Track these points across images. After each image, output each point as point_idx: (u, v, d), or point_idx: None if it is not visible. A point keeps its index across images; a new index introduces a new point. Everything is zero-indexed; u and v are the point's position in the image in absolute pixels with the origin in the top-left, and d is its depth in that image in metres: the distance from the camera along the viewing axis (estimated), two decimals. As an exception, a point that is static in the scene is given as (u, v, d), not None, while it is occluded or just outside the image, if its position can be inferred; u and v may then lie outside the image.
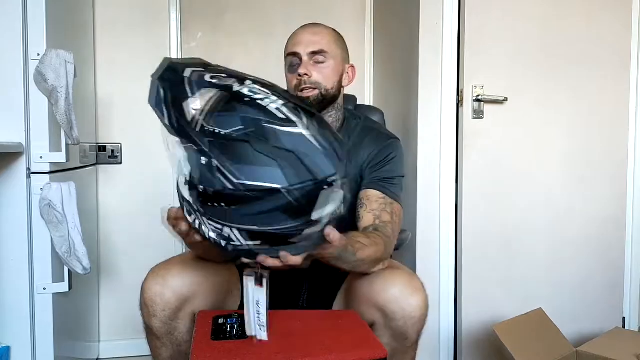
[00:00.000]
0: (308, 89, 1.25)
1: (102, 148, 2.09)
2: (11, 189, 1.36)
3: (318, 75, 1.26)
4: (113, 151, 2.10)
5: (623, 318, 2.08)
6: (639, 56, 2.04)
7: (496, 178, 1.90)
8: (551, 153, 1.95)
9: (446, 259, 1.92)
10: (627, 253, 2.07)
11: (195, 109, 0.79)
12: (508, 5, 1.87)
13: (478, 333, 1.88)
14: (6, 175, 1.36)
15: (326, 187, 0.78)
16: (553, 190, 1.96)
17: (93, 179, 2.04)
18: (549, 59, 1.92)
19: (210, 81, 0.81)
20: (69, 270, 1.44)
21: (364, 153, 1.29)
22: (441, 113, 1.89)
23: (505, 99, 1.87)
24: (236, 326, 0.96)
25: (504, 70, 1.88)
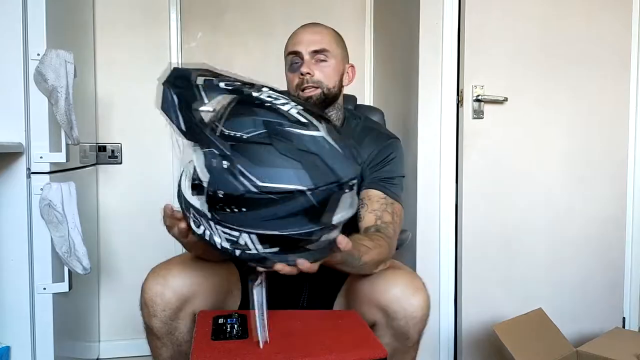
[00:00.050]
0: (310, 88, 1.25)
1: (102, 148, 2.09)
2: (11, 189, 1.36)
3: (320, 74, 1.26)
4: (113, 151, 2.10)
5: (623, 318, 2.08)
6: (639, 56, 2.04)
7: (496, 178, 1.90)
8: (551, 153, 1.95)
9: (446, 259, 1.92)
10: (627, 253, 2.07)
11: (213, 114, 0.78)
12: (508, 5, 1.87)
13: (478, 333, 1.88)
14: (6, 175, 1.36)
15: (347, 191, 0.79)
16: (553, 190, 1.96)
17: (93, 179, 2.04)
18: (549, 59, 1.92)
19: (225, 87, 0.82)
20: (69, 270, 1.44)
21: (364, 153, 1.28)
22: (441, 113, 1.89)
23: (505, 99, 1.87)
24: (236, 326, 0.96)
25: (504, 70, 1.88)
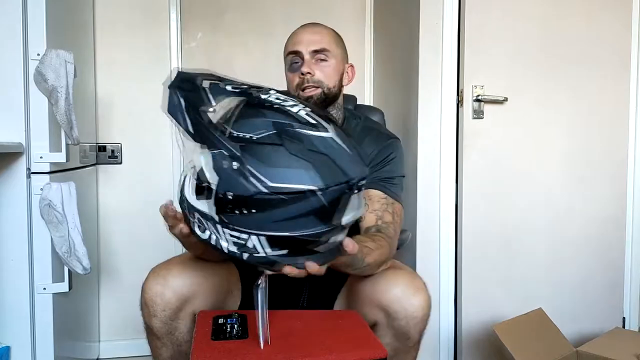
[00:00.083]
0: (310, 88, 1.25)
1: (102, 148, 2.09)
2: (11, 189, 1.36)
3: (320, 73, 1.26)
4: (113, 151, 2.10)
5: (623, 318, 2.08)
6: (639, 56, 2.04)
7: (496, 178, 1.90)
8: (551, 153, 1.95)
9: (446, 259, 1.92)
10: (627, 253, 2.07)
11: (221, 116, 0.79)
12: (508, 5, 1.87)
13: (478, 333, 1.88)
14: (6, 175, 1.36)
15: (356, 191, 0.79)
16: (553, 190, 1.96)
17: (93, 179, 2.04)
18: (549, 59, 1.92)
19: (232, 90, 0.82)
20: (69, 270, 1.44)
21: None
22: (441, 113, 1.89)
23: (505, 99, 1.87)
24: (236, 326, 0.96)
25: (504, 70, 1.88)
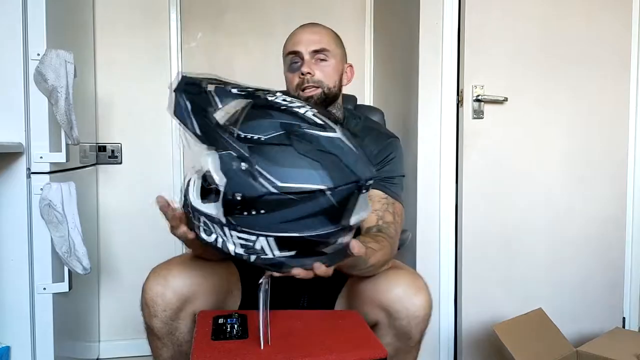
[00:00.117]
0: (310, 88, 1.25)
1: (102, 148, 2.09)
2: (11, 189, 1.36)
3: (320, 73, 1.26)
4: (113, 151, 2.10)
5: (623, 318, 2.08)
6: (639, 56, 2.04)
7: (496, 178, 1.90)
8: (551, 153, 1.95)
9: (446, 259, 1.92)
10: (627, 253, 2.07)
11: (228, 118, 0.79)
12: (508, 5, 1.87)
13: (478, 333, 1.88)
14: (6, 175, 1.36)
15: (364, 191, 0.79)
16: (553, 190, 1.96)
17: (93, 179, 2.04)
18: (549, 59, 1.92)
19: (237, 93, 0.82)
20: (69, 270, 1.44)
21: None
22: (441, 113, 1.89)
23: (505, 99, 1.87)
24: (236, 326, 0.96)
25: (504, 70, 1.88)
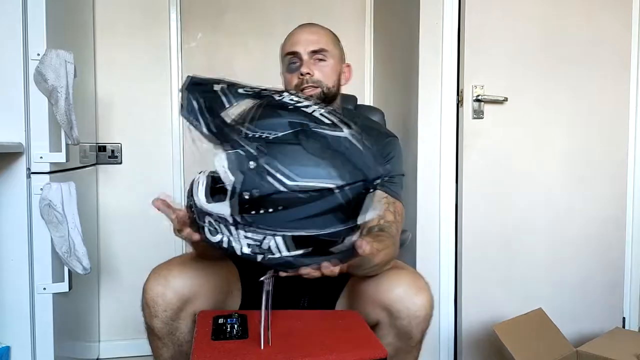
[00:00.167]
0: (309, 88, 1.25)
1: (102, 148, 2.09)
2: (11, 189, 1.36)
3: (319, 73, 1.26)
4: (113, 151, 2.10)
5: (623, 318, 2.08)
6: (639, 56, 2.04)
7: (496, 178, 1.90)
8: (551, 153, 1.95)
9: (446, 259, 1.92)
10: (627, 253, 2.07)
11: (237, 117, 0.80)
12: (508, 5, 1.87)
13: (478, 333, 1.88)
14: (6, 175, 1.36)
15: (372, 190, 0.80)
16: (553, 190, 1.96)
17: (93, 179, 2.04)
18: (549, 59, 1.92)
19: (245, 93, 0.83)
20: (69, 270, 1.44)
21: None
22: (441, 113, 1.89)
23: (505, 99, 1.87)
24: (236, 326, 0.96)
25: (504, 70, 1.88)
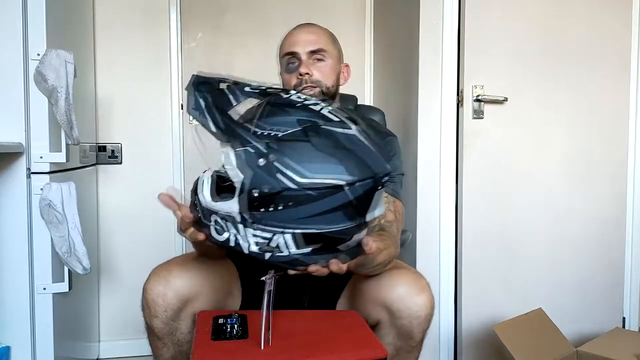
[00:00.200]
0: (308, 88, 1.25)
1: (102, 148, 2.09)
2: (11, 189, 1.36)
3: (318, 73, 1.26)
4: (113, 151, 2.10)
5: (623, 318, 2.08)
6: (639, 56, 2.04)
7: (496, 178, 1.90)
8: (551, 153, 1.95)
9: (446, 259, 1.92)
10: (627, 253, 2.07)
11: (245, 115, 0.80)
12: (508, 5, 1.87)
13: (478, 333, 1.88)
14: (6, 175, 1.36)
15: (380, 187, 0.80)
16: (553, 190, 1.96)
17: (93, 179, 2.04)
18: (549, 59, 1.92)
19: (251, 91, 0.83)
20: (69, 270, 1.44)
21: None
22: (441, 113, 1.89)
23: (505, 99, 1.87)
24: (236, 326, 0.96)
25: (504, 70, 1.88)
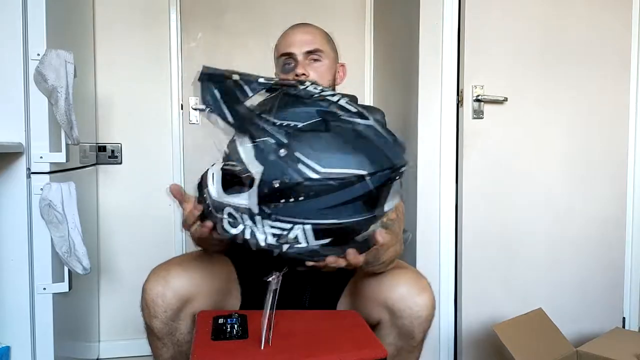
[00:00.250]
0: None
1: (102, 148, 2.09)
2: (11, 189, 1.36)
3: (314, 74, 1.26)
4: (113, 151, 2.10)
5: (623, 318, 2.08)
6: (639, 56, 2.04)
7: (496, 178, 1.90)
8: (551, 153, 1.95)
9: (446, 259, 1.92)
10: (627, 253, 2.07)
11: (261, 106, 0.80)
12: (508, 5, 1.87)
13: (478, 333, 1.88)
14: (6, 175, 1.36)
15: (397, 178, 0.80)
16: (553, 190, 1.96)
17: (93, 179, 2.04)
18: (549, 59, 1.92)
19: (265, 82, 0.83)
20: (69, 270, 1.44)
21: None
22: (441, 113, 1.89)
23: (505, 99, 1.87)
24: (236, 326, 0.96)
25: (504, 70, 1.88)
